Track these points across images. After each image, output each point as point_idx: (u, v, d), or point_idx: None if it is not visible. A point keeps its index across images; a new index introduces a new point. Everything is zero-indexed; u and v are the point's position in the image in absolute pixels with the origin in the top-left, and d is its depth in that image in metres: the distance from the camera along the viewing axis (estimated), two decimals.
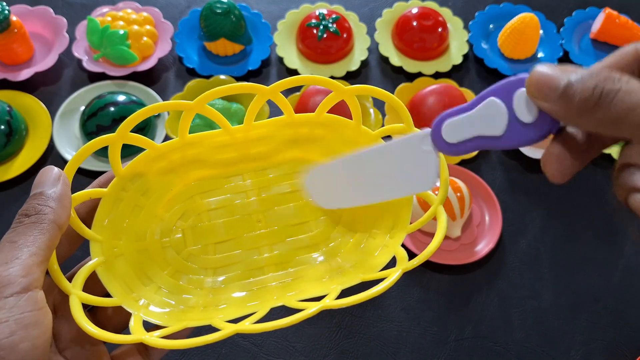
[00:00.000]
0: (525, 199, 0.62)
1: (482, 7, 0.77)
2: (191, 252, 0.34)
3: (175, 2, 0.76)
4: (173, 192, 0.35)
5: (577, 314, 0.55)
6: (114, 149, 0.31)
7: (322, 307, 0.27)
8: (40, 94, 0.65)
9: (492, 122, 0.25)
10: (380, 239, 0.34)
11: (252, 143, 0.36)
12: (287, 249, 0.35)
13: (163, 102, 0.32)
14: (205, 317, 0.30)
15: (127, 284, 0.31)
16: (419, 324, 0.54)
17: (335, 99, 0.33)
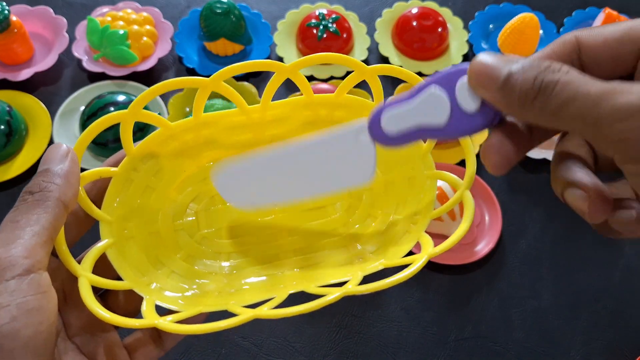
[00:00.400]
0: (525, 199, 0.62)
1: (482, 7, 0.77)
2: (204, 235, 0.33)
3: (175, 2, 0.76)
4: (186, 174, 0.34)
5: (577, 314, 0.55)
6: (125, 127, 0.30)
7: (344, 293, 0.25)
8: (40, 94, 0.65)
9: (434, 112, 0.24)
10: (402, 225, 0.32)
11: (268, 124, 0.34)
12: (305, 234, 0.33)
13: (178, 78, 0.30)
14: (220, 302, 0.29)
15: (138, 267, 0.30)
16: (419, 324, 0.54)
17: (357, 79, 0.32)
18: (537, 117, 0.20)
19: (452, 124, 0.24)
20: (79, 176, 0.26)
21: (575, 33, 0.22)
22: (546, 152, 0.63)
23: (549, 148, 0.64)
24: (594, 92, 0.18)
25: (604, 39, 0.21)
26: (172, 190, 0.33)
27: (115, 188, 0.30)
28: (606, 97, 0.18)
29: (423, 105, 0.24)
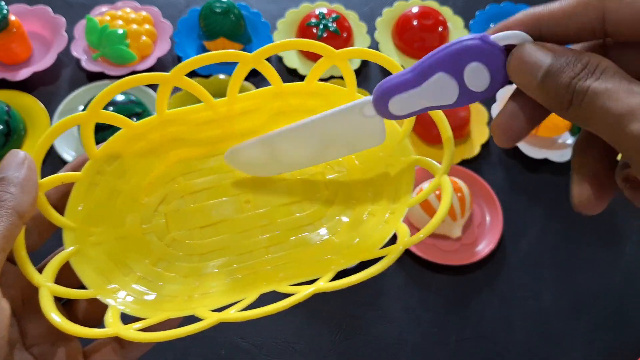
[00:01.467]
0: (526, 199, 0.62)
1: (483, 6, 0.77)
2: (175, 237, 0.32)
3: (174, 1, 0.76)
4: (153, 174, 0.32)
5: (577, 315, 0.55)
6: (86, 129, 0.28)
7: (315, 291, 0.25)
8: (39, 94, 0.65)
9: (443, 95, 0.24)
10: (380, 215, 0.31)
11: (237, 118, 0.32)
12: (279, 230, 0.32)
13: (137, 75, 0.29)
14: (189, 307, 0.28)
15: (104, 274, 0.29)
16: (420, 325, 0.53)
17: (327, 64, 0.30)
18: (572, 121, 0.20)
19: (460, 101, 0.24)
20: (36, 184, 0.25)
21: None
22: (547, 152, 0.63)
23: (550, 148, 0.64)
24: (615, 111, 0.18)
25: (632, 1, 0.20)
26: (139, 192, 0.32)
27: (79, 193, 0.29)
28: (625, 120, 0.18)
29: (431, 90, 0.25)
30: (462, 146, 0.64)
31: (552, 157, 0.63)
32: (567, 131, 0.64)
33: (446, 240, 0.57)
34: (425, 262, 0.56)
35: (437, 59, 0.24)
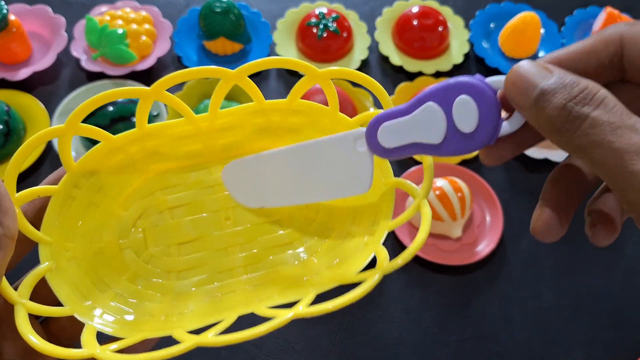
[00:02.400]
0: (527, 199, 0.62)
1: (483, 6, 0.77)
2: (152, 253, 0.31)
3: (174, 1, 0.76)
4: (132, 188, 0.32)
5: (578, 315, 0.55)
6: (63, 142, 0.27)
7: (293, 316, 0.25)
8: (39, 94, 0.65)
9: (430, 129, 0.24)
10: (359, 237, 0.30)
11: (218, 133, 0.32)
12: (259, 248, 0.32)
13: (118, 89, 0.28)
14: (166, 327, 0.27)
15: (80, 290, 0.28)
16: (420, 325, 0.53)
17: (309, 84, 0.30)
18: (562, 147, 0.19)
19: (447, 143, 0.24)
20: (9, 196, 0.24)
21: (620, 30, 0.20)
22: (547, 152, 0.63)
23: (551, 148, 0.64)
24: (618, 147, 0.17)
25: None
26: (117, 206, 0.31)
27: (55, 207, 0.28)
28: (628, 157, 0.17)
29: (419, 121, 0.24)
30: None
31: (553, 157, 0.63)
32: None
33: (446, 241, 0.57)
34: (425, 262, 0.56)
35: (429, 90, 0.24)
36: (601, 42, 0.20)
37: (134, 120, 0.60)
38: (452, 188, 0.55)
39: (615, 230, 0.23)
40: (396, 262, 0.25)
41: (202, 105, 0.61)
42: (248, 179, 0.32)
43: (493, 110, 0.22)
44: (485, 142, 0.22)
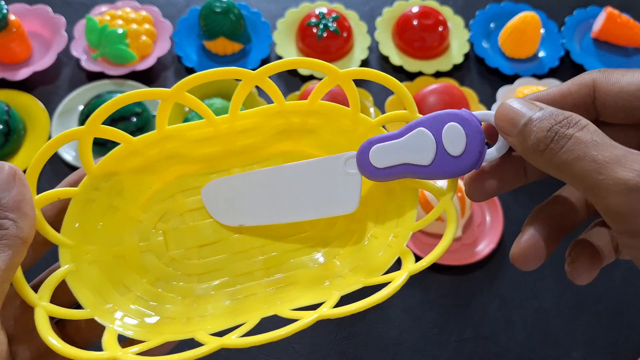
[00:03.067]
0: (527, 199, 0.62)
1: (483, 6, 0.77)
2: (173, 256, 0.31)
3: (174, 0, 0.76)
4: (152, 191, 0.31)
5: (578, 315, 0.55)
6: (84, 144, 0.27)
7: (318, 317, 0.25)
8: (39, 94, 0.65)
9: (421, 151, 0.26)
10: (382, 238, 0.30)
11: (238, 135, 0.32)
12: (279, 251, 0.32)
13: (137, 91, 0.28)
14: (188, 329, 0.27)
15: (100, 293, 0.28)
16: (420, 325, 0.53)
17: (331, 84, 0.30)
18: (545, 167, 0.21)
19: (436, 165, 0.26)
20: (32, 202, 0.24)
21: (593, 75, 0.22)
22: None
23: None
24: (601, 159, 0.19)
25: (620, 89, 0.22)
26: (137, 209, 0.31)
27: (76, 209, 0.28)
28: (609, 167, 0.18)
29: (410, 144, 0.26)
30: None
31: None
32: None
33: None
34: None
35: (421, 118, 0.26)
36: (576, 85, 0.23)
37: (134, 120, 0.60)
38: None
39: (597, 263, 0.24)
40: (422, 263, 0.26)
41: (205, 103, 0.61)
42: (229, 197, 0.32)
43: (479, 136, 0.25)
44: (472, 164, 0.25)
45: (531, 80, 0.68)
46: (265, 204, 0.31)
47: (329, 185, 0.29)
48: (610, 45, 0.75)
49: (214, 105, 0.61)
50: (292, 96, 0.64)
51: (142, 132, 0.60)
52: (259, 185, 0.31)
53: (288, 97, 0.65)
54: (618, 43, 0.74)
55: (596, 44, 0.75)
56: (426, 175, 0.26)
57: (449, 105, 0.62)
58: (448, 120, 0.25)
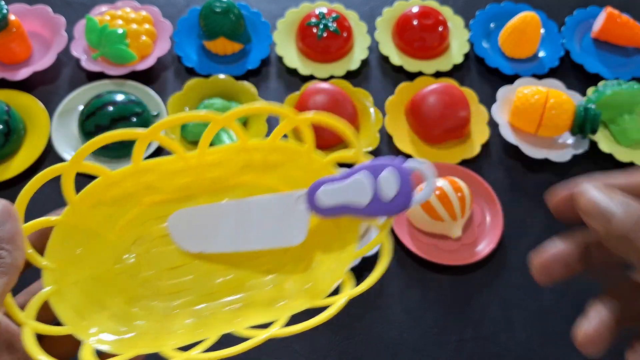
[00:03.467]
0: (527, 199, 0.62)
1: (483, 6, 0.77)
2: (145, 277, 0.34)
3: (174, 0, 0.76)
4: (127, 218, 0.35)
5: (578, 315, 0.55)
6: (66, 179, 0.31)
7: (269, 336, 0.29)
8: (39, 94, 0.65)
9: (360, 194, 0.31)
10: (328, 264, 0.34)
11: (206, 168, 0.36)
12: (238, 274, 0.35)
13: (117, 132, 0.32)
14: (157, 344, 0.30)
15: (79, 312, 0.31)
16: (420, 325, 0.53)
17: (288, 127, 0.34)
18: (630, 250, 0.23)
19: (371, 207, 0.31)
20: (23, 236, 0.27)
21: None
22: (547, 152, 0.63)
23: (550, 148, 0.64)
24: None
25: None
26: (113, 234, 0.34)
27: (58, 236, 0.31)
28: None
29: (352, 187, 0.31)
30: (462, 146, 0.64)
31: (553, 157, 0.63)
32: (567, 131, 0.64)
33: (446, 241, 0.57)
34: (425, 262, 0.56)
35: (362, 165, 0.31)
36: None
37: (134, 120, 0.60)
38: (452, 188, 0.55)
39: None
40: (359, 288, 0.30)
41: (201, 105, 0.62)
42: (192, 226, 0.35)
43: (408, 184, 0.30)
44: (401, 208, 0.30)
45: (531, 80, 0.68)
46: (224, 234, 0.35)
47: (281, 219, 0.34)
48: (610, 45, 0.75)
49: (215, 105, 0.61)
50: (293, 96, 0.64)
51: None
52: (219, 217, 0.35)
53: (289, 96, 0.65)
54: (618, 43, 0.74)
55: (596, 44, 0.75)
56: (363, 215, 0.31)
57: (449, 105, 0.62)
58: (385, 168, 0.31)
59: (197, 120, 0.34)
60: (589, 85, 0.71)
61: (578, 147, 0.64)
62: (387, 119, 0.65)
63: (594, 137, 0.65)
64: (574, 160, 0.64)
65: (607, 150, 0.64)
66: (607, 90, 0.65)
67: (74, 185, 0.31)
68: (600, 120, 0.64)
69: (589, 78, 0.72)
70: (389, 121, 0.65)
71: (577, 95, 0.68)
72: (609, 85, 0.66)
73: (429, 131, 0.63)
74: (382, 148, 0.65)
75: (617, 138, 0.66)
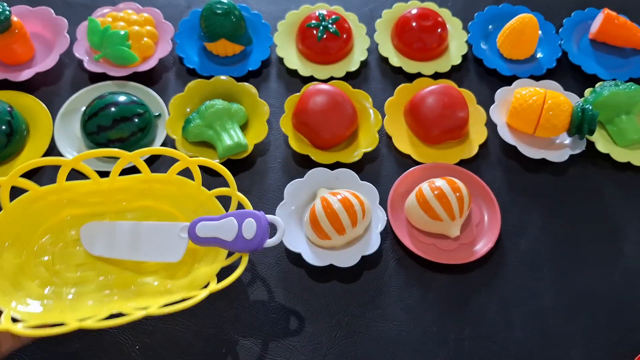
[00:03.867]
0: (525, 199, 0.62)
1: (481, 8, 0.77)
2: (57, 270, 0.48)
3: (175, 2, 0.76)
4: (48, 224, 0.49)
5: (576, 314, 0.56)
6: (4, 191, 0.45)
7: (145, 314, 0.39)
8: (41, 95, 0.66)
9: (228, 232, 0.45)
10: (204, 269, 0.48)
11: (115, 192, 0.50)
12: (131, 274, 0.48)
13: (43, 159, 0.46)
14: (60, 317, 0.41)
15: (2, 290, 0.44)
16: (419, 324, 0.54)
17: (181, 167, 0.48)
18: None
19: (235, 242, 0.45)
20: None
21: None
22: (545, 152, 0.63)
23: (548, 148, 0.65)
24: None
25: None
26: (36, 236, 0.48)
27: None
28: None
29: (223, 226, 0.45)
30: (460, 146, 0.65)
31: (550, 157, 0.63)
32: (564, 132, 0.64)
33: (445, 240, 0.58)
34: (424, 261, 0.57)
35: (233, 212, 0.46)
36: None
37: (136, 120, 0.60)
38: (451, 188, 0.56)
39: None
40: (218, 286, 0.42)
41: (202, 107, 0.62)
42: (98, 235, 0.49)
43: (264, 230, 0.45)
44: (256, 246, 0.45)
45: (529, 82, 0.69)
46: (122, 245, 0.48)
47: (167, 241, 0.47)
48: (608, 46, 0.75)
49: (216, 105, 0.62)
50: (293, 97, 0.65)
51: (143, 132, 0.61)
52: (120, 232, 0.49)
53: (290, 97, 0.65)
54: (616, 44, 0.75)
55: (594, 45, 0.76)
56: (228, 247, 0.45)
57: (447, 106, 0.63)
58: (248, 216, 0.45)
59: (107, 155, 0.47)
60: (587, 86, 0.71)
61: (575, 147, 0.65)
62: (386, 120, 0.66)
63: (591, 138, 0.65)
64: (572, 160, 0.65)
65: (605, 150, 0.65)
66: (605, 91, 0.66)
67: (8, 198, 0.46)
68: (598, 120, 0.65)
69: (587, 79, 0.73)
70: (388, 122, 0.66)
71: (575, 96, 0.68)
72: (607, 86, 0.67)
73: (428, 132, 0.64)
74: (382, 148, 0.65)
75: (615, 138, 0.66)
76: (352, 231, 0.54)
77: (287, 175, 0.62)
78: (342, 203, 0.53)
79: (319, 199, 0.55)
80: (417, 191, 0.57)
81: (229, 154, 0.61)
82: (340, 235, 0.54)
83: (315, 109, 0.61)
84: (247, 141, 0.61)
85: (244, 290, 0.55)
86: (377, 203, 0.57)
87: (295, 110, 0.63)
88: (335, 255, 0.55)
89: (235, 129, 0.61)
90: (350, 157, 0.62)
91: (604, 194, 0.64)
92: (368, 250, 0.55)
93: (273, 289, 0.55)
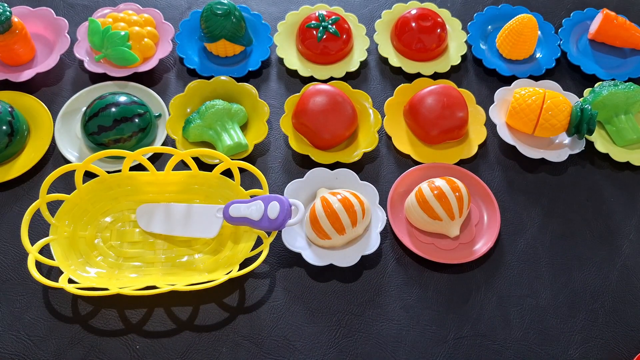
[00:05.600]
0: (524, 199, 0.63)
1: (481, 9, 0.78)
2: (113, 245, 0.56)
3: (175, 3, 0.77)
4: (111, 206, 0.58)
5: (575, 313, 0.56)
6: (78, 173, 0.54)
7: (171, 289, 0.48)
8: (42, 95, 0.66)
9: (256, 212, 0.52)
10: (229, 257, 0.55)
11: (168, 184, 0.58)
12: (173, 252, 0.56)
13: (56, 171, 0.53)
14: (108, 284, 0.51)
15: (65, 254, 0.53)
16: (418, 323, 0.54)
17: (224, 167, 0.56)
18: None
19: (261, 222, 0.52)
20: None
21: None
22: (544, 152, 0.64)
23: (546, 148, 0.65)
24: None
25: None
26: (100, 214, 0.57)
27: (65, 207, 0.55)
28: None
29: (251, 207, 0.53)
30: (460, 146, 0.65)
31: (549, 157, 0.63)
32: (563, 131, 0.64)
33: (444, 239, 0.58)
34: (423, 260, 0.57)
35: (261, 197, 0.53)
36: None
37: (136, 120, 0.60)
38: (450, 188, 0.56)
39: None
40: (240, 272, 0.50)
41: (203, 107, 0.62)
42: (151, 215, 0.57)
43: (286, 211, 0.51)
44: (280, 224, 0.51)
45: (528, 82, 0.69)
46: (169, 222, 0.57)
47: (206, 220, 0.55)
48: (607, 46, 0.76)
49: (216, 105, 0.62)
50: (293, 97, 0.65)
51: (144, 132, 0.61)
52: (169, 213, 0.57)
53: (290, 97, 0.65)
54: (615, 44, 0.75)
55: (593, 45, 0.76)
56: (255, 226, 0.52)
57: (447, 106, 0.63)
58: (273, 200, 0.52)
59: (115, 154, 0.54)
60: (586, 86, 0.71)
61: (574, 147, 0.65)
62: (386, 120, 0.66)
63: (590, 138, 0.66)
64: (571, 160, 0.65)
65: (603, 150, 0.65)
66: (604, 91, 0.66)
67: (82, 179, 0.55)
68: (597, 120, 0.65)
69: (586, 79, 0.73)
70: (388, 122, 0.66)
71: (574, 96, 0.68)
72: (605, 86, 0.67)
73: (428, 132, 0.64)
74: (381, 148, 0.65)
75: (613, 138, 0.66)
76: (352, 231, 0.54)
77: (287, 175, 0.62)
78: (342, 203, 0.54)
79: (319, 199, 0.55)
80: (416, 191, 0.57)
81: (230, 154, 0.61)
82: (340, 235, 0.54)
83: (315, 109, 0.61)
84: (247, 141, 0.62)
85: (244, 290, 0.55)
86: (377, 203, 0.58)
87: (295, 110, 0.63)
88: (335, 255, 0.55)
89: (235, 129, 0.62)
90: (350, 157, 0.62)
91: (602, 193, 0.64)
92: (368, 250, 0.55)
93: (273, 288, 0.55)
